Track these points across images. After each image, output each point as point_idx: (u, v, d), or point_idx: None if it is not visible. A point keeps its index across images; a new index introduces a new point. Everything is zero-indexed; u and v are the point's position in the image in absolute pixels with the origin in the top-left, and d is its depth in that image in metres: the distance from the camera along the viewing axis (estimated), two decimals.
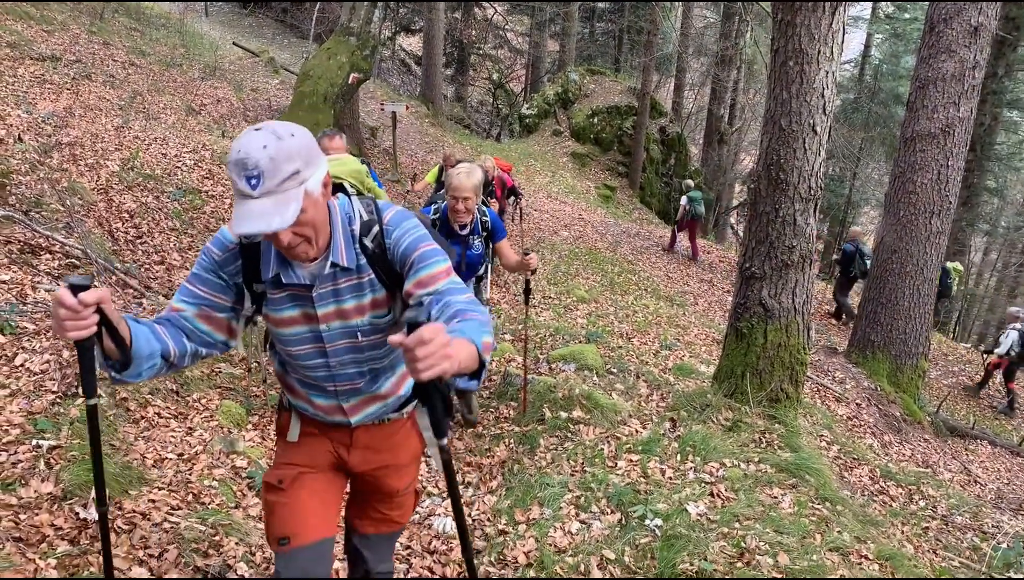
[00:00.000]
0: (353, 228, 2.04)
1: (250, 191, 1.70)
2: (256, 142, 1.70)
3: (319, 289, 2.03)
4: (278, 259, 2.00)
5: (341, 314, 2.07)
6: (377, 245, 2.05)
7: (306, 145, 1.78)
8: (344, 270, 2.02)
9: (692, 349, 8.79)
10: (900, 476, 6.28)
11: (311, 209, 1.82)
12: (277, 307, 2.08)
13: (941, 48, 8.29)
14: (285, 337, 2.12)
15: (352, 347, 2.13)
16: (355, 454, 2.33)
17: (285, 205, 1.72)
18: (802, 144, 5.11)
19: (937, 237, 8.70)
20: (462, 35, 29.20)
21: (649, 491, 4.27)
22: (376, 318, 2.10)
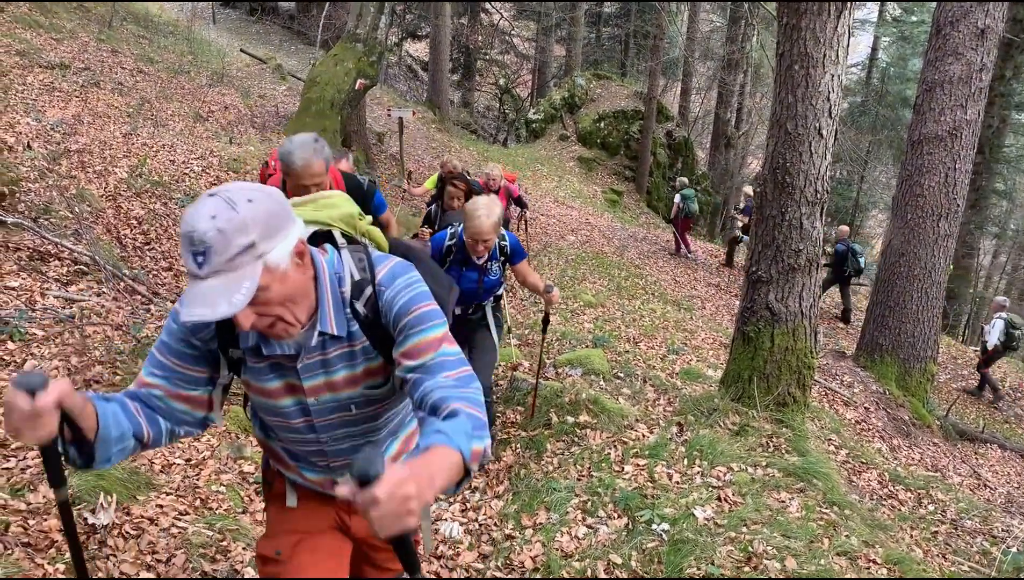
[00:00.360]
0: (343, 290, 1.78)
1: (197, 270, 1.44)
2: (205, 212, 1.45)
3: (305, 360, 1.78)
4: None
5: (331, 386, 1.84)
6: (370, 309, 1.79)
7: (266, 211, 1.51)
8: (334, 339, 1.78)
9: (699, 353, 8.77)
10: (909, 480, 6.26)
11: (276, 286, 1.55)
12: (257, 377, 1.83)
13: (948, 51, 8.27)
14: (267, 408, 1.89)
15: (345, 421, 1.91)
16: (357, 520, 2.11)
17: (236, 285, 1.45)
18: (808, 148, 5.11)
19: (945, 240, 8.68)
20: (468, 41, 29.27)
21: (656, 495, 4.26)
22: (371, 388, 1.88)
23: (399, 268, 1.84)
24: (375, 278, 1.80)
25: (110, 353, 4.59)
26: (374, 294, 1.79)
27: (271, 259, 1.52)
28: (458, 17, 28.39)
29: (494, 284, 4.69)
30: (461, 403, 1.59)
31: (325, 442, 1.92)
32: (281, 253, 1.54)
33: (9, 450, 3.39)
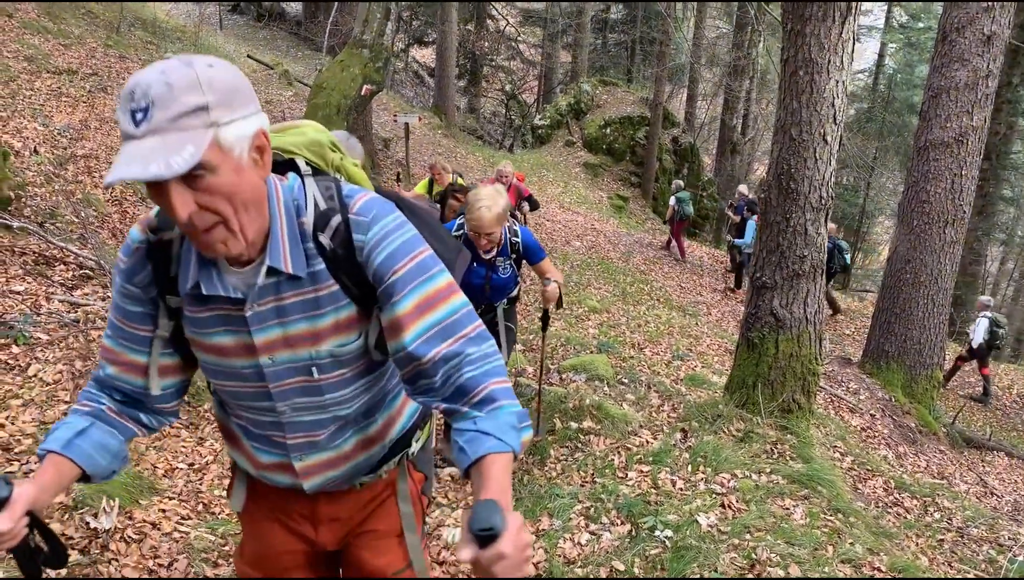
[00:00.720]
0: (303, 220, 1.43)
1: (133, 129, 1.17)
2: (155, 68, 1.20)
3: (255, 307, 1.43)
4: (199, 262, 1.41)
5: (288, 342, 1.47)
6: (340, 243, 1.43)
7: (228, 81, 1.24)
8: (291, 280, 1.43)
9: (704, 359, 8.76)
10: (915, 488, 6.23)
11: (226, 170, 1.24)
12: (201, 330, 1.49)
13: (954, 57, 8.25)
14: (215, 369, 1.54)
15: (307, 387, 1.53)
16: (322, 530, 1.77)
17: (177, 147, 1.16)
18: (813, 153, 5.10)
19: (951, 247, 8.65)
20: (475, 47, 29.34)
21: (659, 502, 4.25)
22: (340, 346, 1.50)
23: (380, 206, 1.47)
24: (348, 208, 1.45)
25: None
26: (345, 225, 1.44)
27: (226, 134, 1.23)
28: (464, 23, 28.46)
29: (505, 284, 4.42)
30: (495, 383, 1.41)
31: (283, 411, 1.55)
32: (239, 133, 1.26)
33: (12, 454, 3.40)
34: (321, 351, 1.49)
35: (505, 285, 4.45)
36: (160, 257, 1.46)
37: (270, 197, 1.40)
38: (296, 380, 1.51)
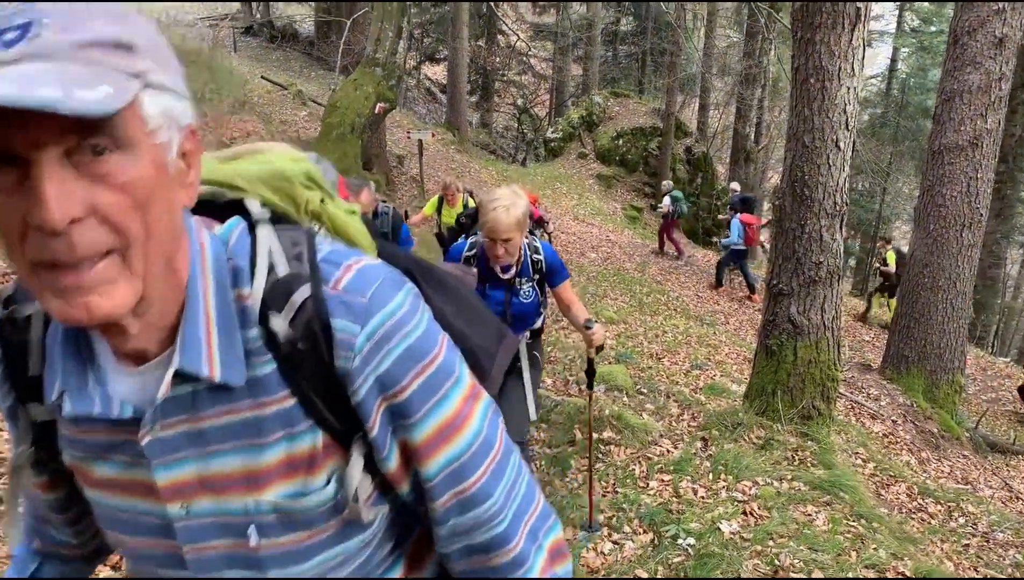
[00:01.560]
0: (243, 293, 0.86)
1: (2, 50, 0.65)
2: None
3: (157, 431, 0.85)
4: (65, 355, 0.86)
5: (209, 486, 0.88)
6: (306, 333, 0.85)
7: (161, 40, 0.78)
8: (217, 390, 0.85)
9: (723, 368, 8.74)
10: (939, 493, 6.19)
11: (145, 158, 0.72)
12: (84, 457, 0.92)
13: (966, 60, 8.24)
14: (106, 515, 0.95)
15: (238, 557, 0.91)
16: None
17: (86, 79, 0.65)
18: (826, 160, 5.12)
19: (969, 250, 8.61)
20: (486, 62, 29.52)
21: (681, 510, 4.26)
22: (294, 497, 0.88)
23: (385, 278, 0.89)
24: (324, 278, 0.87)
25: None
26: (317, 305, 0.85)
27: (153, 102, 0.74)
28: (475, 39, 28.66)
29: (528, 311, 3.69)
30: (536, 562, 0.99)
31: None
32: (169, 110, 0.77)
33: None
34: (262, 503, 0.88)
35: (528, 313, 3.70)
36: (15, 345, 0.92)
37: (190, 248, 0.85)
38: (222, 544, 0.91)
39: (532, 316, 3.72)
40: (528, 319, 3.71)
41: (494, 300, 3.60)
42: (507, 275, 3.59)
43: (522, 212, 3.37)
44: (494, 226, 3.32)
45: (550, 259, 3.71)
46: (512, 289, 3.62)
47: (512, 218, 3.31)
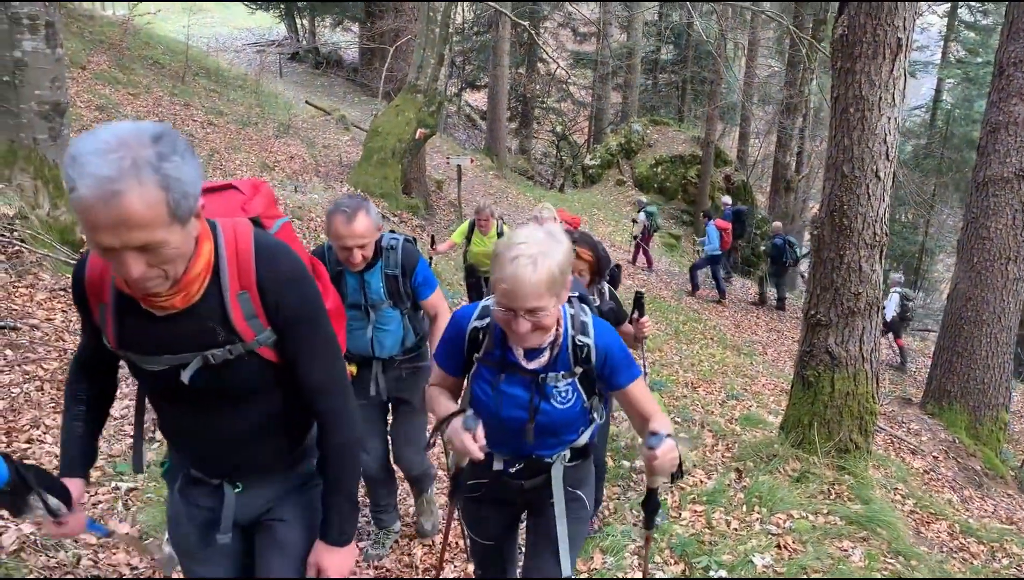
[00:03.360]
0: None
1: None
2: None
3: None
4: None
5: None
6: None
7: None
8: None
9: (759, 399, 8.64)
10: (982, 533, 6.02)
11: None
12: None
13: (1012, 92, 8.13)
14: None
15: None
16: None
17: None
18: (865, 190, 5.07)
19: (1014, 284, 8.43)
20: (526, 90, 29.79)
21: (714, 542, 4.20)
22: None
23: None
24: None
25: None
26: None
27: None
28: (516, 67, 28.95)
29: (563, 422, 2.28)
30: None
31: None
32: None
33: None
34: None
35: (563, 425, 2.29)
36: None
37: None
38: None
39: (571, 428, 2.33)
40: (563, 432, 2.32)
41: (511, 402, 2.24)
42: (533, 364, 2.22)
43: (559, 265, 2.00)
44: (512, 289, 1.95)
45: (608, 347, 2.22)
46: (540, 386, 2.22)
47: (541, 275, 1.95)
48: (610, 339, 2.24)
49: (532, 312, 1.98)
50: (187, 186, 1.39)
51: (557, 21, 32.37)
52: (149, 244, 1.36)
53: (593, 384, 2.29)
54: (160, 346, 1.63)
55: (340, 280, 3.24)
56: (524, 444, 2.26)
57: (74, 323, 5.09)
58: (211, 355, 1.63)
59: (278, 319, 1.68)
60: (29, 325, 4.80)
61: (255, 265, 1.65)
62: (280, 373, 1.76)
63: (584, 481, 2.49)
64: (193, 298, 1.59)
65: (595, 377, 2.25)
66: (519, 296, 1.94)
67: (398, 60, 17.41)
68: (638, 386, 2.26)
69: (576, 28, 32.50)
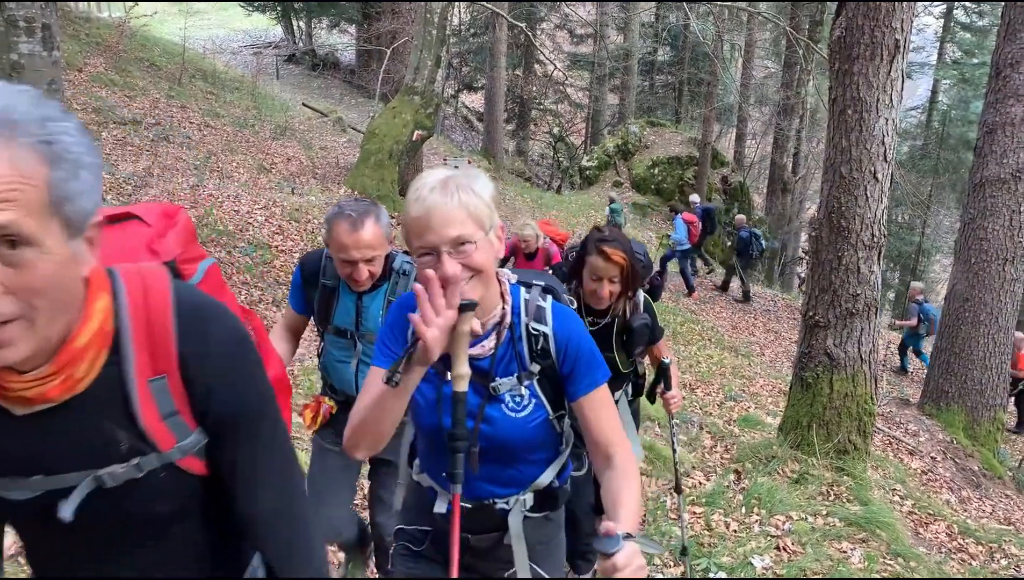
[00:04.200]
0: None
1: None
2: None
3: None
4: None
5: None
6: None
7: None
8: None
9: (758, 400, 8.64)
10: (980, 533, 6.03)
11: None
12: None
13: (1008, 93, 8.15)
14: None
15: None
16: None
17: None
18: (863, 191, 5.07)
19: (1011, 284, 8.44)
20: (523, 91, 29.76)
21: (713, 544, 4.20)
22: None
23: None
24: None
25: None
26: None
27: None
28: (513, 69, 28.93)
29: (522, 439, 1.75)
30: None
31: None
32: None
33: None
34: None
35: (521, 443, 1.76)
36: None
37: None
38: None
39: (530, 453, 1.79)
40: (518, 459, 1.78)
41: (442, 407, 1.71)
42: (475, 349, 1.68)
43: (478, 192, 1.59)
44: (424, 217, 1.53)
45: (566, 334, 1.73)
46: (490, 390, 1.71)
47: (456, 199, 1.54)
48: (573, 328, 1.75)
49: (457, 245, 1.51)
50: (83, 175, 0.94)
51: (554, 23, 32.34)
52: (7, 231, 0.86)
53: (560, 393, 1.75)
54: (25, 463, 1.05)
55: (330, 298, 2.65)
56: (469, 478, 1.64)
57: None
58: (107, 475, 1.07)
59: (210, 416, 1.14)
60: None
61: (176, 336, 1.10)
62: (210, 491, 1.20)
63: (551, 547, 1.93)
64: (78, 385, 1.03)
65: (558, 379, 1.73)
66: (433, 223, 1.49)
67: (395, 62, 17.39)
68: (599, 398, 1.71)
69: (573, 30, 32.48)
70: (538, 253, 7.17)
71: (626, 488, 1.60)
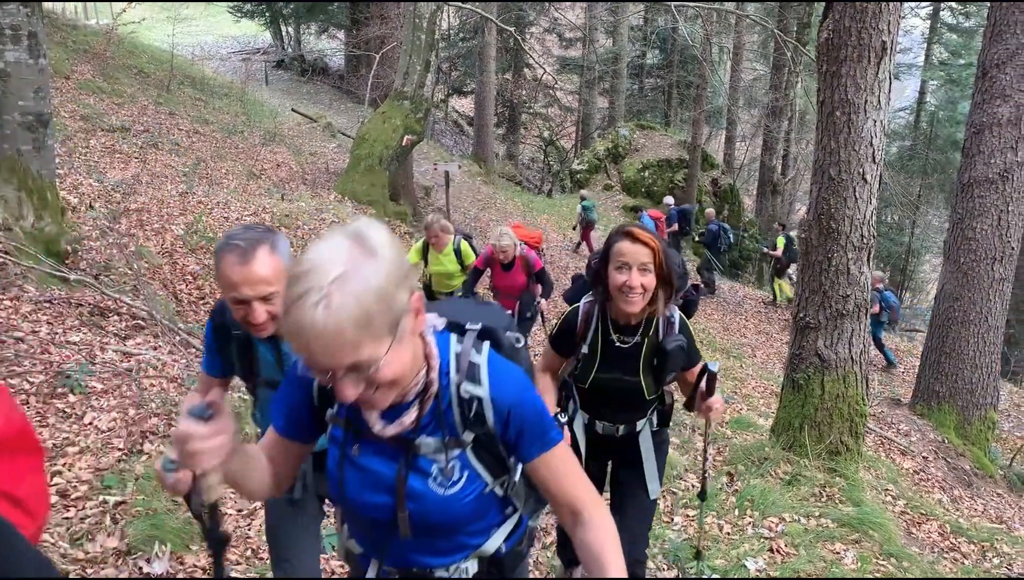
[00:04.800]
0: None
1: None
2: None
3: None
4: None
5: None
6: None
7: None
8: None
9: (750, 402, 8.65)
10: (972, 532, 6.05)
11: None
12: None
13: (995, 93, 8.18)
14: None
15: None
16: None
17: None
18: (852, 193, 5.09)
19: (1000, 284, 8.48)
20: (513, 95, 29.80)
21: (706, 546, 4.19)
22: None
23: None
24: None
25: (165, 405, 4.71)
26: None
27: None
28: (503, 73, 28.96)
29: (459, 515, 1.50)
30: None
31: None
32: None
33: (70, 499, 3.49)
34: None
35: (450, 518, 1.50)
36: None
37: None
38: None
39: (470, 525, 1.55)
40: (456, 531, 1.54)
41: (371, 482, 1.50)
42: (393, 428, 1.44)
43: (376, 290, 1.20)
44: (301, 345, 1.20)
45: (507, 399, 1.46)
46: (411, 458, 1.48)
47: (340, 315, 1.16)
48: (514, 388, 1.47)
49: (353, 370, 1.22)
50: None
51: (543, 27, 32.40)
52: None
53: (501, 458, 1.51)
54: None
55: (247, 347, 2.27)
56: (400, 545, 1.53)
57: (60, 336, 5.05)
58: None
59: None
60: (14, 338, 4.75)
61: None
62: None
63: None
64: None
65: (501, 447, 1.48)
66: (313, 353, 1.18)
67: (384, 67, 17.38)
68: (556, 457, 1.48)
69: (562, 33, 32.53)
70: (515, 262, 6.62)
71: (608, 545, 1.44)
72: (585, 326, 2.72)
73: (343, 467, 1.51)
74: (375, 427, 1.44)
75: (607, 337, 2.69)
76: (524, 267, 6.68)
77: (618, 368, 2.71)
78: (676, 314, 2.73)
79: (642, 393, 2.73)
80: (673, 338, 2.67)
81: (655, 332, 2.68)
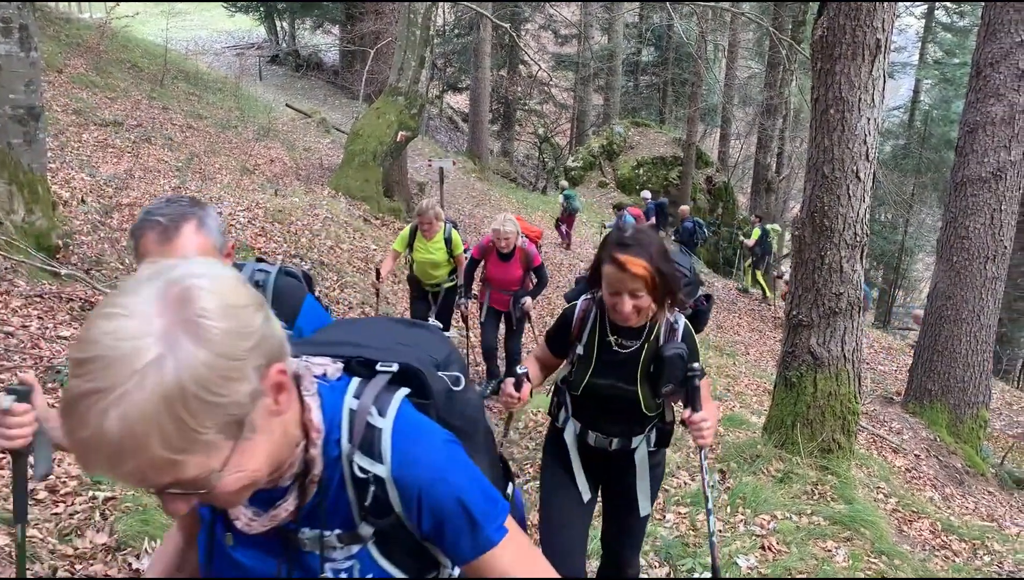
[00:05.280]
0: None
1: None
2: None
3: None
4: None
5: None
6: None
7: None
8: None
9: (742, 399, 8.66)
10: (963, 530, 6.06)
11: None
12: None
13: (989, 92, 8.20)
14: None
15: None
16: None
17: None
18: (846, 191, 5.09)
19: (993, 282, 8.50)
20: (508, 92, 29.77)
21: (698, 544, 4.20)
22: None
23: None
24: None
25: None
26: None
27: None
28: (498, 69, 28.93)
29: None
30: None
31: None
32: None
33: (58, 495, 3.47)
34: None
35: None
36: None
37: None
38: None
39: None
40: None
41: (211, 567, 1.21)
42: (261, 521, 1.09)
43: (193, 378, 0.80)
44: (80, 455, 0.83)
45: (418, 480, 1.07)
46: (293, 554, 1.12)
47: (123, 426, 0.77)
48: (428, 466, 1.08)
49: (176, 487, 0.91)
50: None
51: (538, 23, 32.37)
52: None
53: (422, 550, 1.16)
54: None
55: None
56: None
57: (50, 330, 5.02)
58: None
59: None
60: (4, 332, 4.72)
61: None
62: None
63: None
64: None
65: (420, 539, 1.13)
66: (110, 473, 0.83)
67: (379, 62, 17.35)
68: (498, 559, 1.12)
69: (557, 30, 32.53)
70: (515, 253, 6.40)
71: None
72: (581, 324, 2.56)
73: (213, 560, 1.15)
74: (238, 521, 1.08)
75: (604, 339, 2.51)
76: (523, 260, 6.48)
77: (614, 374, 2.51)
78: (681, 321, 2.52)
79: (639, 404, 2.52)
80: (673, 345, 2.45)
81: (656, 338, 2.48)
